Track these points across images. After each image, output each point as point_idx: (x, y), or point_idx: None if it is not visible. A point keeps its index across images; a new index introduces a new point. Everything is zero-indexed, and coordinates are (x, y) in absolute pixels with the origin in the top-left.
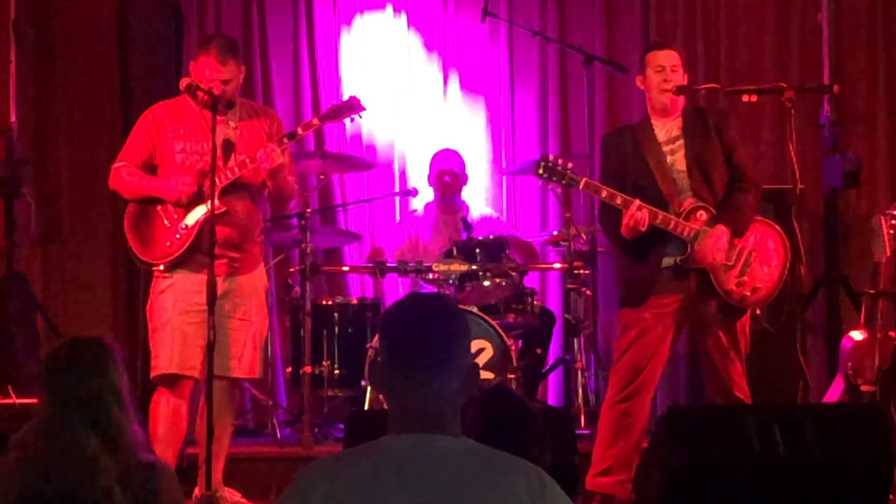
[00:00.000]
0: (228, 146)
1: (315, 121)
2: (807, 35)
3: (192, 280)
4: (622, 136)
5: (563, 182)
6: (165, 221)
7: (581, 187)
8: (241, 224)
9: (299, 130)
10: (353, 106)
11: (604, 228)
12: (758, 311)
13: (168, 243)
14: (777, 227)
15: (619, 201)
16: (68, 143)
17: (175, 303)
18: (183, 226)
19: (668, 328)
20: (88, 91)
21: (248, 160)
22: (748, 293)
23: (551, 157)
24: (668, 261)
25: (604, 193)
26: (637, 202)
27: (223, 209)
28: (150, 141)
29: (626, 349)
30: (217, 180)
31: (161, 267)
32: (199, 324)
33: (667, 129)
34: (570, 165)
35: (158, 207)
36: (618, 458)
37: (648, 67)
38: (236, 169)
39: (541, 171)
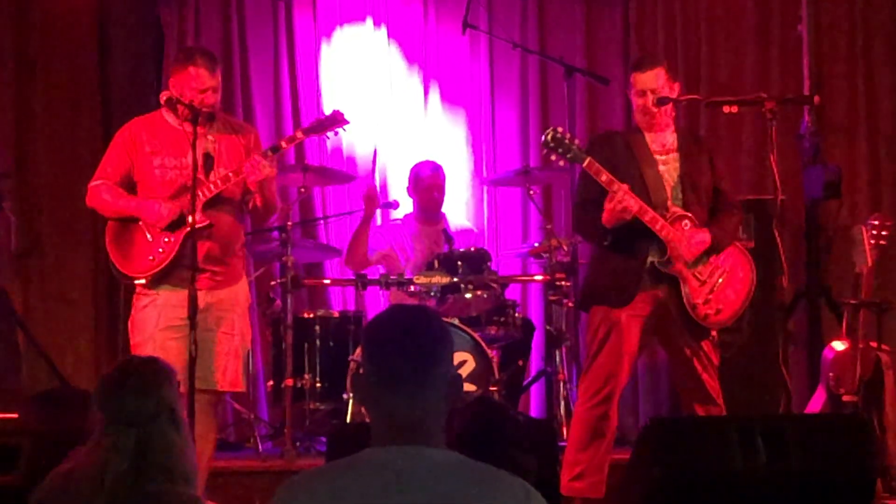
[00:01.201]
0: (208, 160)
1: (299, 134)
2: (787, 46)
3: (174, 295)
4: (613, 140)
5: (569, 156)
6: (147, 236)
7: (584, 165)
8: (224, 238)
9: (283, 144)
10: (337, 120)
11: (581, 226)
12: (713, 334)
13: (150, 257)
14: (749, 257)
15: (614, 187)
16: (49, 158)
17: (158, 318)
18: (166, 239)
19: (637, 330)
20: (68, 105)
21: (232, 173)
22: (711, 312)
23: (559, 130)
24: (649, 260)
25: (603, 177)
26: (626, 186)
27: (207, 223)
28: (127, 157)
29: (598, 351)
30: (200, 194)
31: (143, 281)
32: (181, 339)
33: (659, 141)
34: (577, 141)
35: (140, 222)
36: (590, 461)
37: (632, 88)
38: (220, 182)
39: (549, 140)
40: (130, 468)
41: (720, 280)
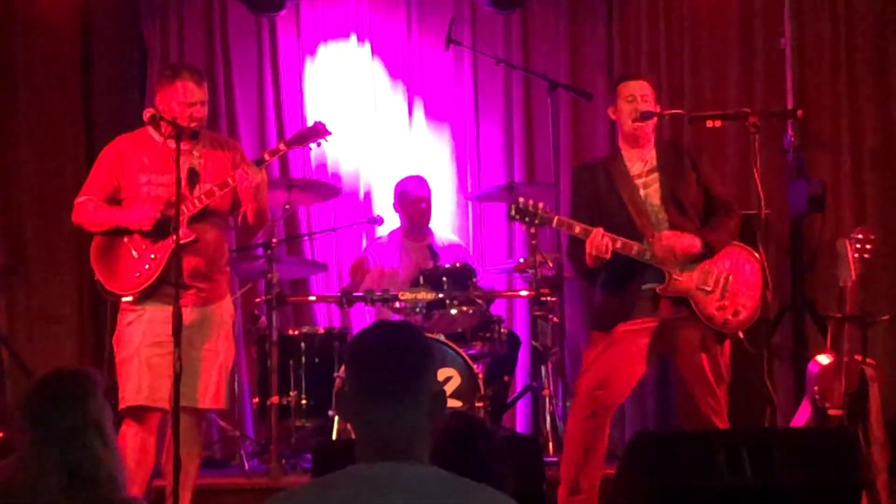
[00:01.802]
0: (193, 176)
1: (281, 146)
2: (770, 60)
3: (161, 311)
4: (594, 170)
5: (536, 222)
6: (133, 252)
7: (554, 225)
8: (209, 254)
9: (266, 156)
10: (319, 131)
11: (572, 263)
12: (741, 335)
13: (137, 274)
14: (752, 250)
15: (589, 234)
16: (32, 176)
17: (143, 334)
18: (152, 256)
19: (637, 349)
20: (52, 124)
21: (217, 187)
22: (730, 317)
23: (521, 200)
24: (647, 286)
25: (577, 229)
26: (600, 230)
27: (192, 237)
28: (114, 175)
29: (592, 364)
30: (184, 209)
31: (130, 298)
32: (166, 355)
33: (639, 162)
34: (541, 205)
35: (125, 238)
36: (587, 475)
37: (620, 98)
38: (204, 197)
39: (513, 214)
40: (59, 484)
41: (728, 283)
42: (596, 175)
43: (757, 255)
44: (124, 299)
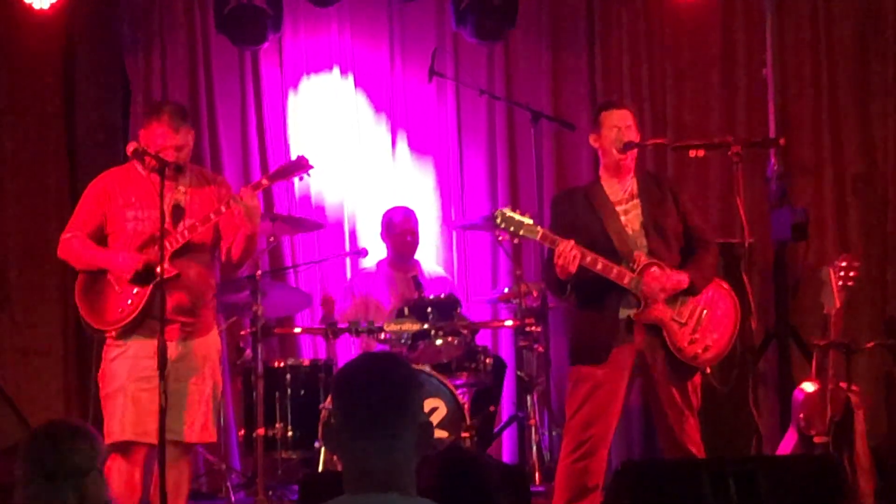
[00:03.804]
0: (178, 211)
1: (264, 181)
2: (752, 89)
3: (145, 346)
4: (573, 197)
5: (521, 233)
6: (116, 288)
7: (538, 238)
8: (193, 288)
9: (245, 191)
10: (302, 165)
11: (547, 283)
12: (707, 370)
13: (120, 309)
14: (729, 287)
15: (559, 246)
16: (15, 211)
17: (129, 369)
18: (134, 291)
19: (620, 383)
20: (35, 158)
21: (199, 222)
22: (700, 351)
23: (508, 208)
24: (623, 312)
25: (558, 245)
26: (571, 241)
27: (175, 273)
28: (100, 210)
29: (579, 407)
30: (167, 245)
31: (113, 334)
32: (152, 389)
33: (619, 190)
34: (527, 216)
35: (109, 275)
36: None
37: (603, 126)
38: (187, 232)
39: (498, 222)
40: None
41: (702, 318)
42: (576, 201)
43: (731, 291)
44: (107, 334)
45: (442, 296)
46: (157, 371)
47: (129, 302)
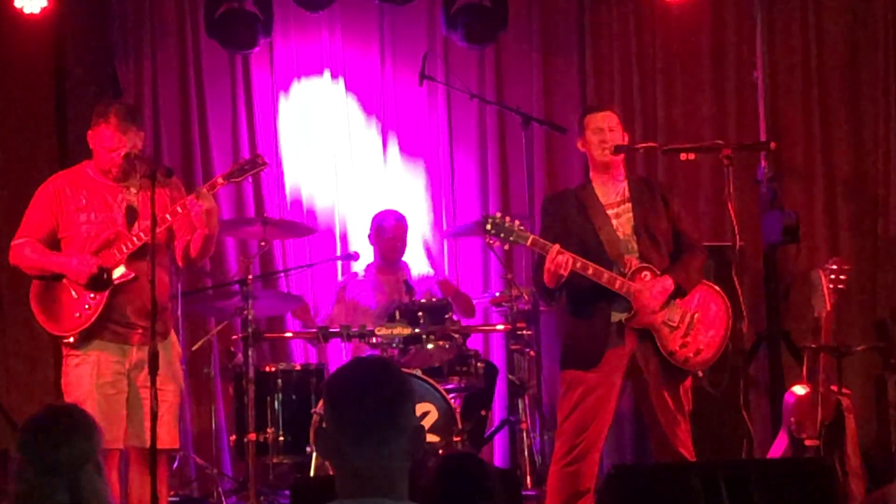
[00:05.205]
0: (132, 213)
1: (220, 180)
2: (743, 93)
3: (107, 350)
4: (565, 199)
5: (511, 238)
6: (73, 293)
7: (528, 244)
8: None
9: (204, 190)
10: (256, 163)
11: (537, 289)
12: (700, 374)
13: (77, 314)
14: (720, 290)
15: (548, 250)
16: (5, 216)
17: (93, 375)
18: (91, 296)
19: (611, 387)
20: (26, 166)
21: (173, 211)
22: (691, 355)
23: (498, 214)
24: (614, 316)
25: (549, 250)
26: (557, 246)
27: (131, 275)
28: (51, 214)
29: (571, 411)
30: (123, 247)
31: (72, 340)
32: (118, 394)
33: (610, 193)
34: (516, 222)
35: (65, 279)
36: None
37: (587, 130)
38: (142, 234)
39: (488, 228)
40: None
41: (693, 321)
42: (567, 204)
43: (723, 294)
44: (65, 341)
45: (433, 300)
46: (119, 375)
47: (87, 307)
